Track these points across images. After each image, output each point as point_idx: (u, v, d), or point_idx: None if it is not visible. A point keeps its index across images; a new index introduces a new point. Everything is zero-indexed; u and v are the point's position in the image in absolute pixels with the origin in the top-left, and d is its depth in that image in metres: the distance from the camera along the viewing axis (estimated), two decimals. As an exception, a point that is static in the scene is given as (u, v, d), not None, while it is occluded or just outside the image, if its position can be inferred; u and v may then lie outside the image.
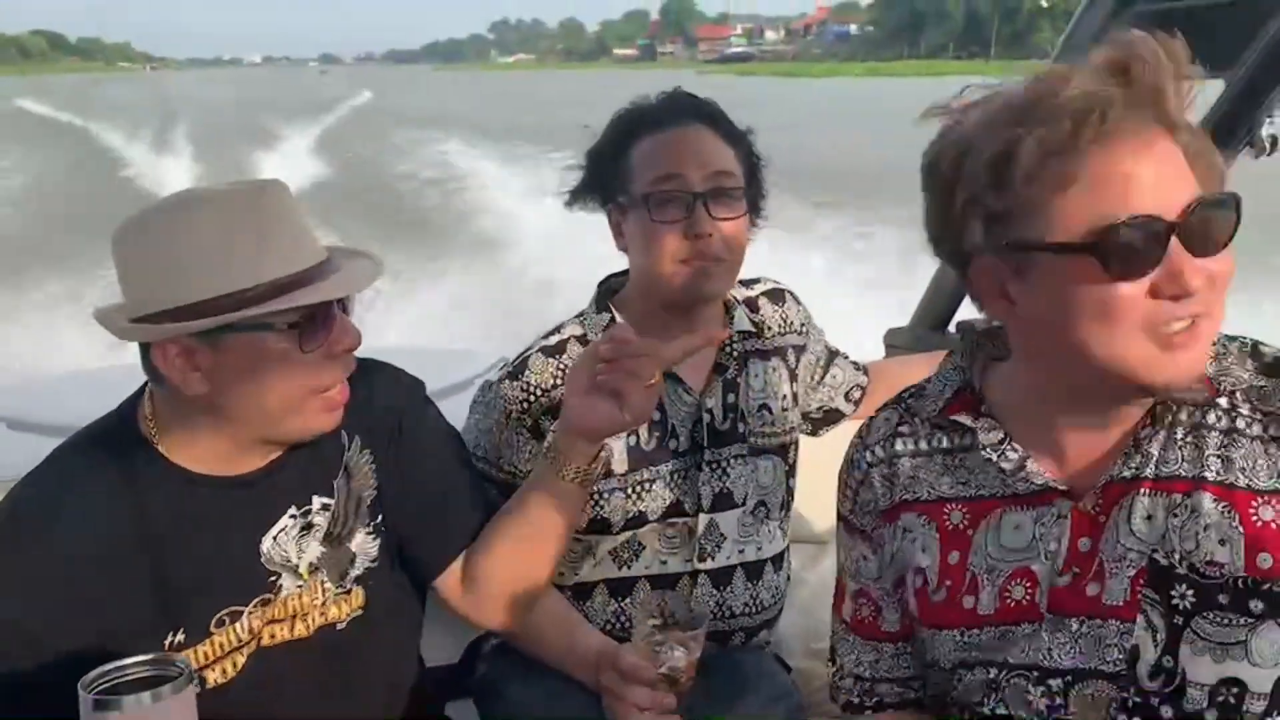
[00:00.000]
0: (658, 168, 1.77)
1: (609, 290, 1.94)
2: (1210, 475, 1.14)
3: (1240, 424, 1.15)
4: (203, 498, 1.46)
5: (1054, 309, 1.09)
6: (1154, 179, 1.05)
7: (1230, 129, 1.72)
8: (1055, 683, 1.19)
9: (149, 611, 1.40)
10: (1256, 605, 1.11)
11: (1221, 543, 1.12)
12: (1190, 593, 1.13)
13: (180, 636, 1.42)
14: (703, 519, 1.86)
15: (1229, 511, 1.13)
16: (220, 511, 1.47)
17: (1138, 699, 1.15)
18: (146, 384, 1.48)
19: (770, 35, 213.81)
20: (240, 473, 1.48)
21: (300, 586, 1.51)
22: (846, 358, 2.13)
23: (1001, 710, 1.23)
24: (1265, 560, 1.11)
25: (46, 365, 6.37)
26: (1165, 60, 1.06)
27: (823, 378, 2.07)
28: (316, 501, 1.53)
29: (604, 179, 1.86)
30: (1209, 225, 1.06)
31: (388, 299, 8.29)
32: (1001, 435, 1.23)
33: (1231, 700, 1.13)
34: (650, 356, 1.47)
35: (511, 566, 1.62)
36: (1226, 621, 1.12)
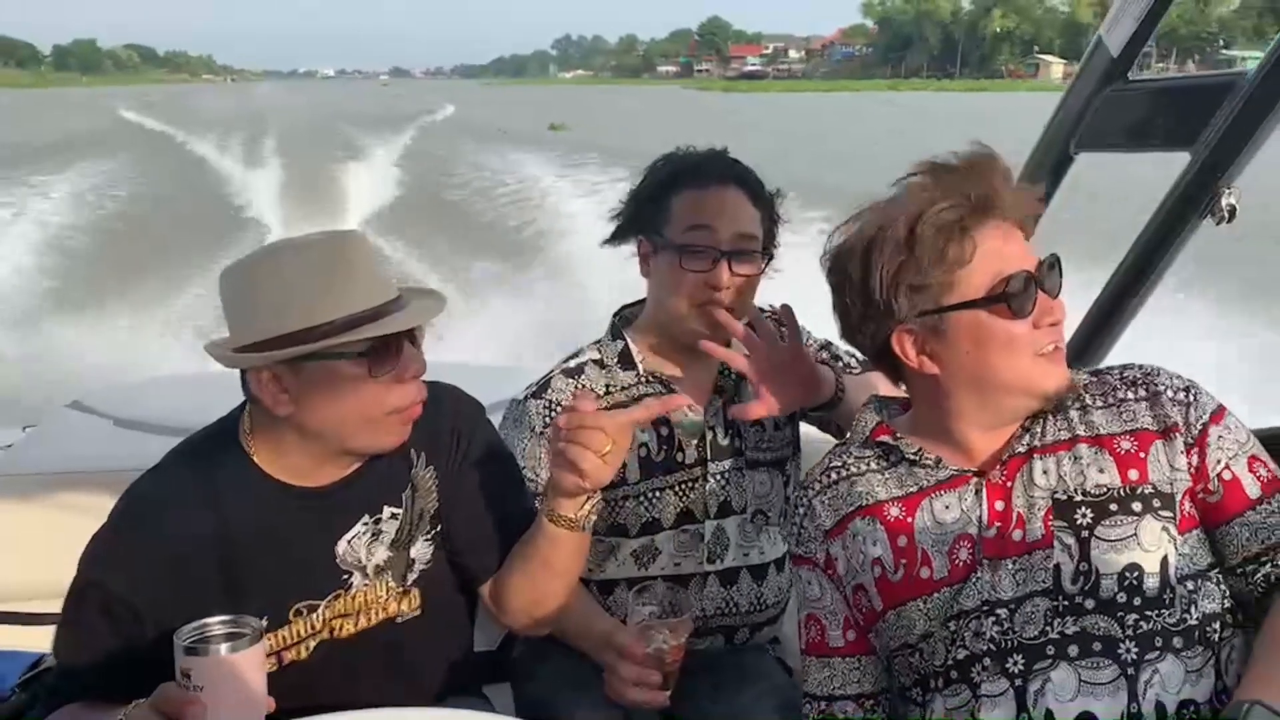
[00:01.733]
0: (694, 220, 1.94)
1: (625, 319, 2.11)
2: (1080, 433, 1.52)
3: (1087, 401, 1.54)
4: (289, 505, 1.63)
5: (972, 352, 1.47)
6: (1017, 248, 1.47)
7: (1193, 198, 1.87)
8: (1002, 611, 1.47)
9: (236, 599, 1.53)
10: (1137, 505, 1.46)
11: (1100, 470, 1.48)
12: (1089, 512, 1.46)
13: (263, 622, 1.57)
14: (709, 525, 2.04)
15: (1100, 450, 1.50)
16: (303, 517, 1.63)
17: (1066, 602, 1.44)
18: (245, 407, 1.66)
19: (793, 54, 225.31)
20: (322, 484, 1.64)
21: (367, 585, 1.68)
22: (837, 353, 2.19)
23: (962, 654, 1.48)
24: (1133, 474, 1.48)
25: (148, 369, 6.78)
26: (1003, 173, 1.48)
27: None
28: (386, 511, 1.69)
29: (641, 215, 2.02)
30: (1053, 276, 1.48)
31: (461, 313, 8.59)
32: (918, 447, 1.57)
33: (1134, 581, 1.43)
34: (600, 429, 1.56)
35: (524, 594, 1.74)
36: (1119, 523, 1.45)
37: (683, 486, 2.03)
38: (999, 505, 1.50)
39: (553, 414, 1.98)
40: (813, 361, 1.95)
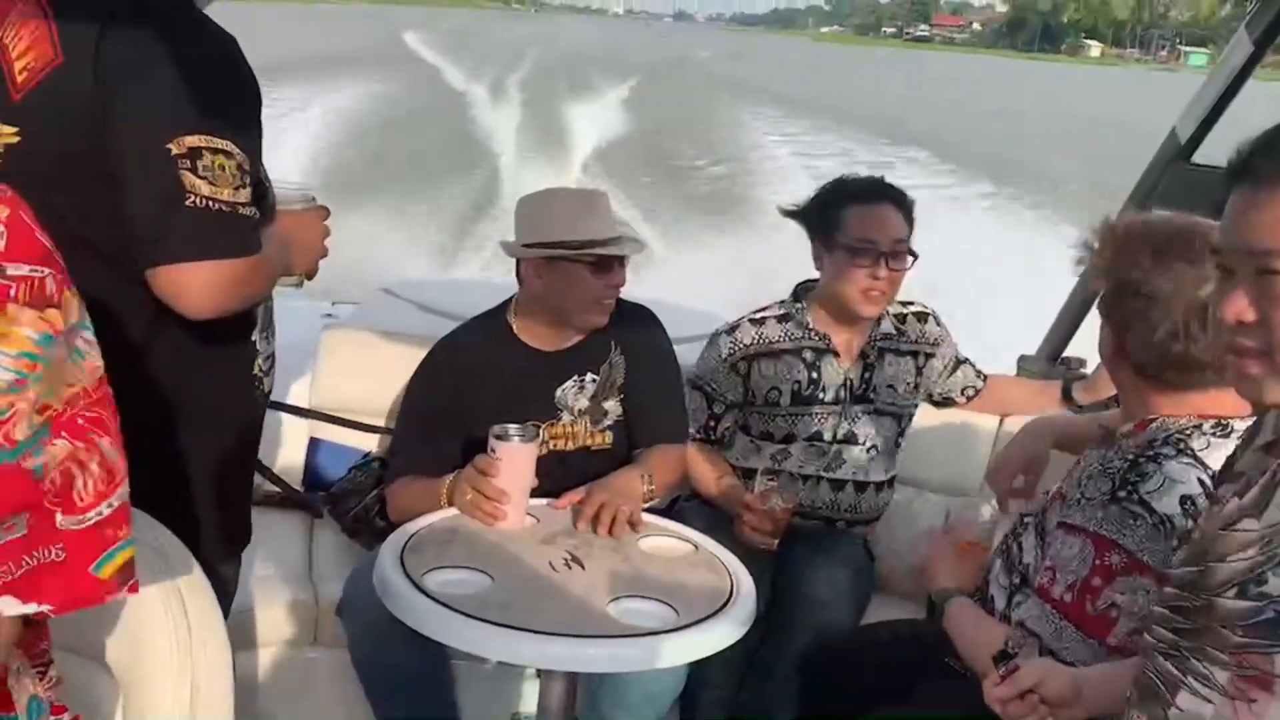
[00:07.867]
0: (863, 231, 2.39)
1: (805, 289, 2.57)
2: None
3: None
4: (531, 359, 2.28)
5: None
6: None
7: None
8: None
9: (492, 413, 2.08)
10: None
11: None
12: None
13: (541, 431, 2.18)
14: (833, 447, 2.52)
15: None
16: (541, 370, 2.27)
17: None
18: (514, 296, 2.31)
19: (976, 26, 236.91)
20: (553, 349, 2.28)
21: (572, 420, 2.29)
22: (971, 365, 2.68)
23: None
24: None
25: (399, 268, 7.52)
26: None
27: (949, 377, 2.65)
28: (588, 376, 2.29)
29: (819, 222, 2.48)
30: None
31: (662, 257, 9.03)
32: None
33: None
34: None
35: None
36: None
37: (819, 415, 2.51)
38: None
39: (738, 349, 2.50)
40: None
